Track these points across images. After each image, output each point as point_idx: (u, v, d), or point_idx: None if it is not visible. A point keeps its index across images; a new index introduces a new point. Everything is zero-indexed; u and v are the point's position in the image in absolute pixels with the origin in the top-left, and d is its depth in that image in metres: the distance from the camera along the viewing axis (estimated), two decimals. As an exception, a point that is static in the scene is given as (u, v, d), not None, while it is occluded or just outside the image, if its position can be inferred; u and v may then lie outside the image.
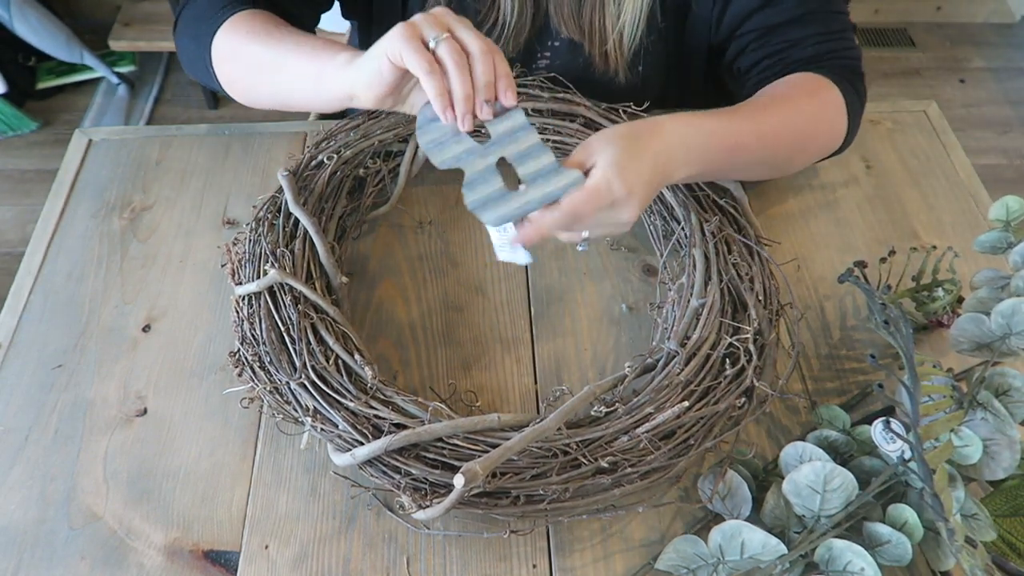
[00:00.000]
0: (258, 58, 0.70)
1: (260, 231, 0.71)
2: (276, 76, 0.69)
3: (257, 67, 0.71)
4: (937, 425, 0.56)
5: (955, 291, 0.70)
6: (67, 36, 2.08)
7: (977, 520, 0.56)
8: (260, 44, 0.70)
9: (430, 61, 0.57)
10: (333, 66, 0.64)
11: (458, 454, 0.59)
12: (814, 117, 0.74)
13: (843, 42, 0.79)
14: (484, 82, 0.58)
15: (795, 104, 0.73)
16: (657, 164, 0.61)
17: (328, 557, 0.60)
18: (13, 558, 0.60)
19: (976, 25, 2.48)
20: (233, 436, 0.67)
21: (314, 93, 0.67)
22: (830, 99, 0.74)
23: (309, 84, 0.67)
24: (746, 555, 0.55)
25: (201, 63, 0.75)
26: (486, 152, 0.59)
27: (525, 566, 0.60)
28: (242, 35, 0.72)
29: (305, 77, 0.67)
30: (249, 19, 0.72)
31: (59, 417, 0.68)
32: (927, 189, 0.86)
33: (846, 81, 0.76)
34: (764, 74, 0.80)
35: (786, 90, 0.75)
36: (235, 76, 0.74)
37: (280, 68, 0.69)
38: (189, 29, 0.77)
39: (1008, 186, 2.01)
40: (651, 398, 0.62)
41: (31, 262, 0.79)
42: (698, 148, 0.65)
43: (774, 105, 0.73)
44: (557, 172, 0.57)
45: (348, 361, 0.63)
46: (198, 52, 0.75)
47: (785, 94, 0.74)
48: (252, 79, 0.73)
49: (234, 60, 0.73)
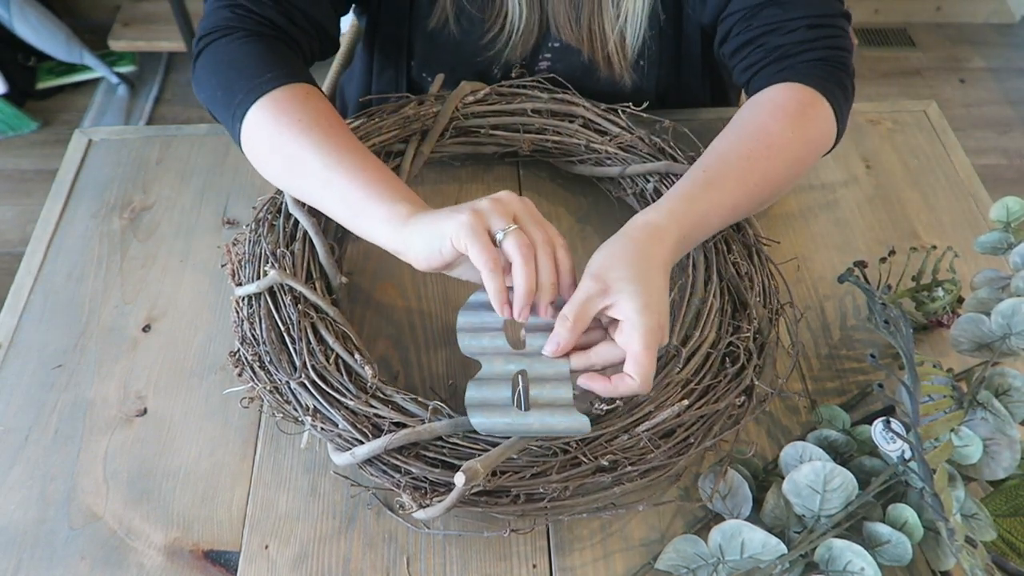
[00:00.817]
0: (304, 164, 0.64)
1: (260, 231, 0.71)
2: (319, 190, 0.64)
3: (300, 172, 0.64)
4: (937, 425, 0.56)
5: (955, 291, 0.70)
6: (67, 36, 2.08)
7: (977, 520, 0.56)
8: (311, 148, 0.63)
9: (495, 260, 0.55)
10: (391, 219, 0.60)
11: (458, 453, 0.59)
12: (803, 150, 0.69)
13: (832, 30, 0.74)
14: (549, 282, 0.57)
15: (780, 146, 0.67)
16: (665, 271, 0.59)
17: (328, 557, 0.60)
18: (13, 558, 0.60)
19: (976, 25, 2.48)
20: (233, 436, 0.67)
21: (353, 226, 0.63)
22: (818, 117, 0.70)
23: (352, 217, 0.62)
24: (746, 555, 0.55)
25: (226, 121, 0.68)
26: (513, 359, 0.58)
27: (525, 565, 0.60)
28: (287, 124, 0.64)
29: (351, 208, 0.62)
30: (298, 100, 0.66)
31: (59, 417, 0.68)
32: (927, 189, 0.86)
33: (832, 82, 0.71)
34: (749, 60, 0.76)
35: (768, 123, 0.69)
36: (268, 165, 0.67)
37: (327, 185, 0.63)
38: (215, 78, 0.69)
39: (1008, 186, 2.01)
40: (651, 396, 0.62)
41: (31, 262, 0.79)
42: (693, 236, 0.63)
43: (756, 156, 0.67)
44: (568, 412, 0.56)
45: (348, 361, 0.63)
46: (225, 111, 0.68)
47: (767, 131, 0.68)
48: (287, 180, 0.67)
49: (272, 151, 0.66)
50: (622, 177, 0.79)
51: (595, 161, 0.81)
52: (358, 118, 0.82)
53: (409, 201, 0.61)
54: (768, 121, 0.69)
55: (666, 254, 0.60)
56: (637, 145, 0.79)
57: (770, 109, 0.70)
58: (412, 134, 0.81)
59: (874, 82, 2.29)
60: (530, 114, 0.81)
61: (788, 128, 0.68)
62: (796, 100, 0.70)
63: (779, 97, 0.71)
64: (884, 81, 2.30)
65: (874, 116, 0.93)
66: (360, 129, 0.80)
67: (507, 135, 0.82)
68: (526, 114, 0.81)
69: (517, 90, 0.82)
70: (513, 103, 0.82)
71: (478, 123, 0.82)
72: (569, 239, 0.79)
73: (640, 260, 0.58)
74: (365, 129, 0.80)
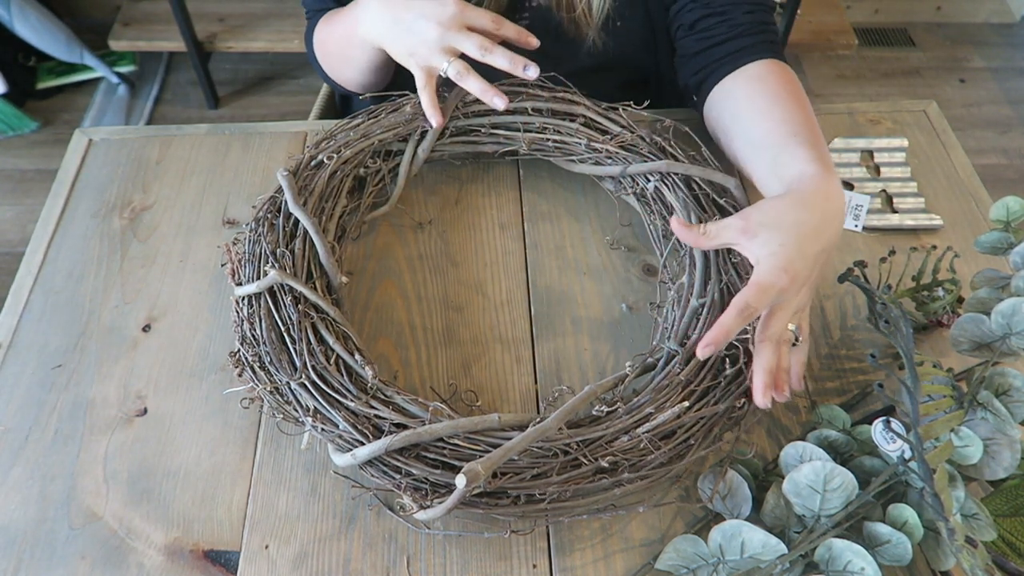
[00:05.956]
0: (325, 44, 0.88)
1: (260, 231, 0.71)
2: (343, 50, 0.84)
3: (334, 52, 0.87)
4: (937, 425, 0.56)
5: (955, 291, 0.70)
6: (67, 36, 2.08)
7: (977, 520, 0.56)
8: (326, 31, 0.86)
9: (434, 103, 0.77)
10: None
11: (459, 454, 0.59)
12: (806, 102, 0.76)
13: (768, 15, 0.81)
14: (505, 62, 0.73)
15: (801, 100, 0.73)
16: (818, 237, 0.60)
17: (328, 557, 0.60)
18: (13, 558, 0.60)
19: (976, 25, 2.48)
20: (233, 436, 0.67)
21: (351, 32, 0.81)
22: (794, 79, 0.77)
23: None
24: (746, 555, 0.55)
25: (316, 66, 0.92)
26: None
27: (525, 566, 0.60)
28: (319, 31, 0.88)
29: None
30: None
31: (59, 417, 0.68)
32: (927, 189, 0.86)
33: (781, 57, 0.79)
34: (709, 32, 0.80)
35: (784, 86, 0.74)
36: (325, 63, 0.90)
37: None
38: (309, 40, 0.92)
39: (1008, 186, 2.01)
40: (651, 398, 0.62)
41: (31, 262, 0.79)
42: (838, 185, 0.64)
43: (797, 105, 0.72)
44: None
45: (348, 361, 0.63)
46: (312, 58, 0.92)
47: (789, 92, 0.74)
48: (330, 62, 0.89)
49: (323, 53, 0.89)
50: (623, 176, 0.79)
51: (595, 160, 0.81)
52: (358, 116, 0.82)
53: None
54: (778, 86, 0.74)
55: (816, 219, 0.61)
56: (638, 144, 0.79)
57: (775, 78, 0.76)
58: (412, 133, 0.81)
59: (874, 82, 2.29)
60: (530, 113, 0.81)
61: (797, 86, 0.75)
62: (782, 66, 0.77)
63: (772, 70, 0.77)
64: (884, 81, 2.30)
65: (874, 116, 0.93)
66: (361, 128, 0.81)
67: (507, 134, 0.82)
68: (526, 113, 0.81)
69: (517, 88, 0.81)
70: (513, 102, 0.82)
71: (478, 122, 0.82)
72: (569, 239, 0.80)
73: (794, 211, 0.61)
74: (366, 128, 0.80)
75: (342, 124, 0.83)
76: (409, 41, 0.74)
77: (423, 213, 0.83)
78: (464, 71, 0.73)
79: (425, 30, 0.73)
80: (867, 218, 0.81)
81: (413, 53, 0.74)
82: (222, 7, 2.19)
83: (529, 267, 0.78)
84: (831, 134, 0.91)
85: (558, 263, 0.78)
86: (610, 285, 0.77)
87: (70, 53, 2.10)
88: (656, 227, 0.78)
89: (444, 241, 0.80)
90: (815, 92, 2.25)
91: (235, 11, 2.18)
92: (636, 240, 0.80)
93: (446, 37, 0.72)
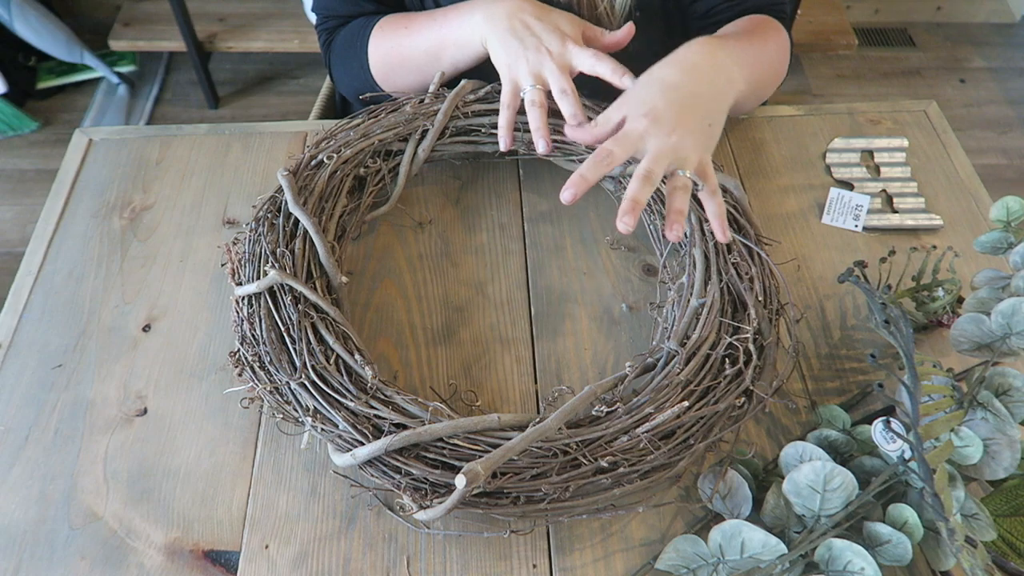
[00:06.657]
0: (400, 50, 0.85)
1: (260, 231, 0.71)
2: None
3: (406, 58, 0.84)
4: (937, 425, 0.56)
5: (955, 291, 0.70)
6: (67, 36, 2.08)
7: (977, 520, 0.56)
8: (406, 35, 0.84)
9: (511, 117, 0.78)
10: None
11: (459, 454, 0.59)
12: (779, 53, 0.82)
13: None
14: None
15: (766, 40, 0.81)
16: (682, 87, 0.68)
17: (328, 557, 0.60)
18: (13, 558, 0.60)
19: (976, 25, 2.48)
20: (233, 436, 0.67)
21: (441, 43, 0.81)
22: (783, 41, 0.84)
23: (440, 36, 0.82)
24: (746, 555, 0.55)
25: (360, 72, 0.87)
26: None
27: (525, 566, 0.60)
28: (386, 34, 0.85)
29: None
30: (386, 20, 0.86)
31: (59, 417, 0.68)
32: (927, 189, 0.86)
33: (785, 30, 0.85)
34: (721, 17, 0.86)
35: (753, 27, 0.81)
36: (387, 68, 0.86)
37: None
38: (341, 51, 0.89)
39: (1008, 186, 2.01)
40: (651, 398, 0.62)
41: (31, 262, 0.79)
42: (731, 62, 0.72)
43: (755, 37, 0.80)
44: None
45: (348, 361, 0.63)
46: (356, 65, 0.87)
47: (754, 30, 0.81)
48: (397, 69, 0.85)
49: (387, 56, 0.85)
50: (623, 176, 0.79)
51: (595, 161, 0.81)
52: (358, 116, 0.82)
53: None
54: (752, 27, 0.82)
55: (697, 51, 0.71)
56: (637, 145, 0.79)
57: (752, 21, 0.83)
58: (412, 132, 0.81)
59: (874, 82, 2.29)
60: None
61: (771, 33, 0.82)
62: (769, 21, 0.84)
63: (756, 19, 0.84)
64: (884, 81, 2.30)
65: (874, 116, 0.93)
66: (361, 127, 0.81)
67: (507, 135, 0.82)
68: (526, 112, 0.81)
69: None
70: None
71: (478, 122, 0.81)
72: (569, 239, 0.80)
73: (659, 68, 0.71)
74: (366, 127, 0.80)
75: (342, 124, 0.83)
76: (515, 51, 0.74)
77: (423, 213, 0.83)
78: (537, 104, 0.73)
79: (535, 47, 0.74)
80: (867, 218, 0.81)
81: (511, 64, 0.75)
82: (222, 7, 2.19)
83: (529, 267, 0.78)
84: (831, 134, 0.91)
85: (558, 263, 0.78)
86: (610, 285, 0.77)
87: (70, 53, 2.10)
88: (656, 227, 0.77)
89: (444, 241, 0.80)
90: (815, 92, 2.25)
91: (235, 11, 2.18)
92: (636, 240, 0.80)
93: (545, 65, 0.74)
